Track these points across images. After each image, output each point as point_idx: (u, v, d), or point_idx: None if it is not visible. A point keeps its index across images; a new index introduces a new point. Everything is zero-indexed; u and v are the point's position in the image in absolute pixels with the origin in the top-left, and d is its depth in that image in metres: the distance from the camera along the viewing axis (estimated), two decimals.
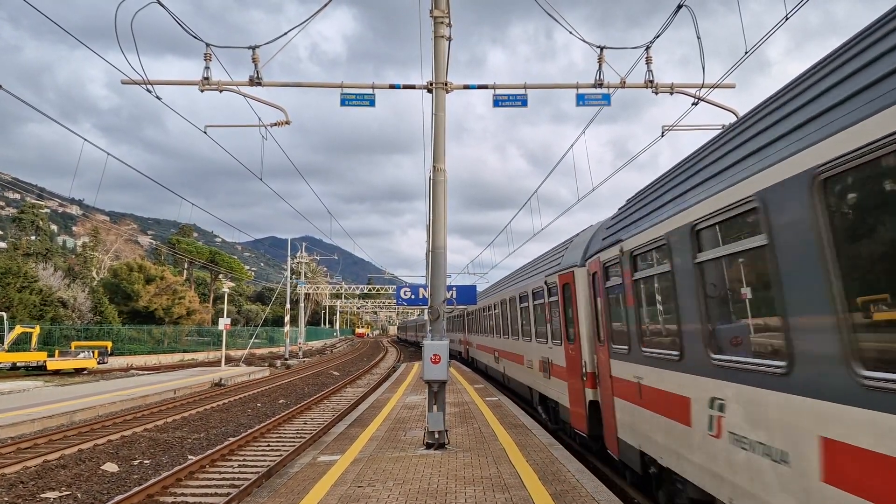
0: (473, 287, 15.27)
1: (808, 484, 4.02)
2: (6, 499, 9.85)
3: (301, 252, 61.21)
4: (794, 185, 4.11)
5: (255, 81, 12.90)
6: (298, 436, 15.31)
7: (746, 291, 5.14)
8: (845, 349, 3.64)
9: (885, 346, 3.50)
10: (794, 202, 4.12)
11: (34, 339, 36.79)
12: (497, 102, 13.06)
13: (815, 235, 3.88)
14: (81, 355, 36.70)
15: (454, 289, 14.04)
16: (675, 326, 6.28)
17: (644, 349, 7.32)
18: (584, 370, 10.87)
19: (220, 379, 28.74)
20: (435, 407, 10.98)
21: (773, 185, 4.39)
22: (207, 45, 12.77)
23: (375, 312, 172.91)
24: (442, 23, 11.98)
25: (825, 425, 3.85)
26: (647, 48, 12.64)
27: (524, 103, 13.00)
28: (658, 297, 7.08)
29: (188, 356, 52.55)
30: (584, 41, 12.54)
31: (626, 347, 7.98)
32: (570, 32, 12.36)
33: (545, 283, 13.74)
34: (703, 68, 12.13)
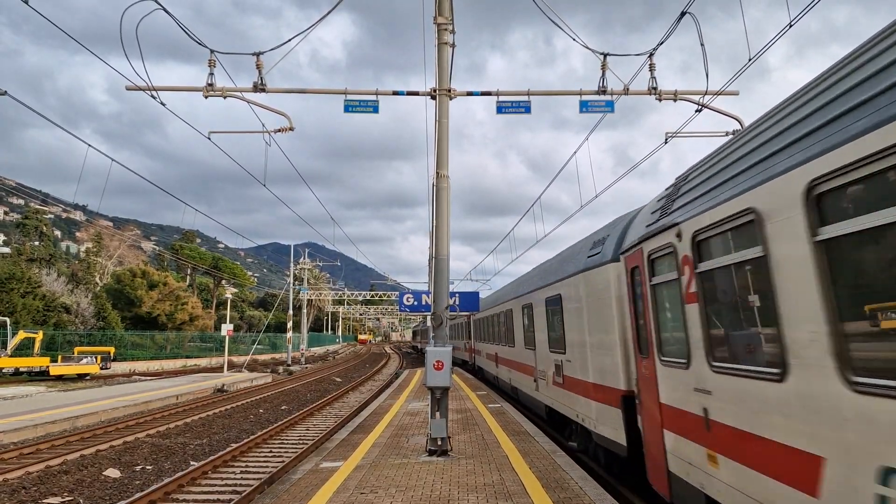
0: (476, 293, 15.26)
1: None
2: None
3: (304, 258, 61.25)
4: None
5: (259, 88, 12.94)
6: (301, 442, 15.28)
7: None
8: None
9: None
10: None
11: (37, 345, 36.79)
12: (500, 109, 13.05)
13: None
14: (84, 361, 36.71)
15: (457, 295, 14.05)
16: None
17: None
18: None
19: (223, 385, 28.70)
20: (437, 413, 10.95)
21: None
22: (212, 51, 12.82)
23: (378, 319, 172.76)
24: (445, 29, 12.02)
25: None
26: (651, 55, 12.67)
27: (527, 110, 12.99)
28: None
29: (191, 362, 52.50)
30: (587, 48, 12.57)
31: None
32: (574, 39, 12.40)
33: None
34: (707, 76, 12.15)
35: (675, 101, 12.95)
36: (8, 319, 37.46)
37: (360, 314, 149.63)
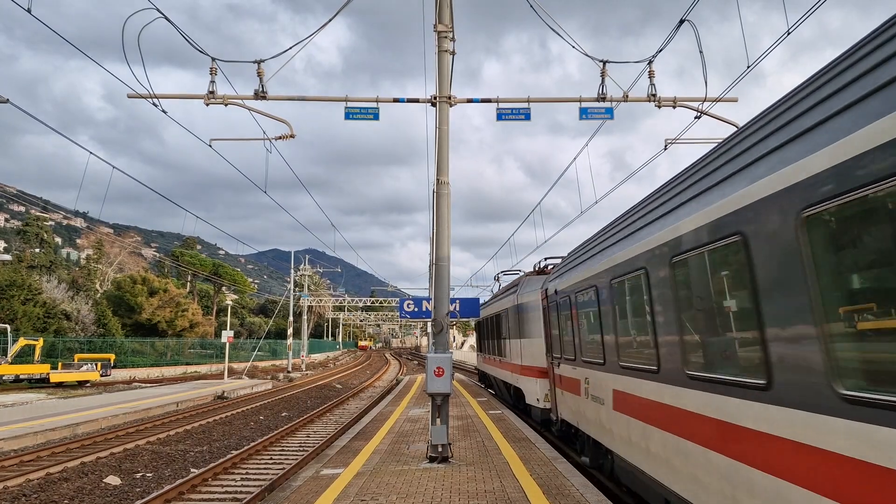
0: (476, 300, 15.26)
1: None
2: None
3: (304, 265, 61.25)
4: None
5: (261, 95, 12.99)
6: (301, 449, 15.25)
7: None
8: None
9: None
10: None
11: (37, 352, 36.75)
12: (500, 116, 13.07)
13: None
14: (84, 368, 36.64)
15: (457, 301, 14.04)
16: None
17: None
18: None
19: (223, 392, 28.67)
20: (438, 420, 10.94)
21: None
22: (213, 59, 12.88)
23: (378, 325, 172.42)
24: (446, 37, 12.09)
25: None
26: (650, 62, 12.72)
27: (527, 117, 13.01)
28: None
29: (191, 369, 52.43)
30: (586, 55, 12.63)
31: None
32: (574, 47, 12.46)
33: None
34: (706, 82, 12.21)
35: (674, 107, 12.99)
36: (8, 326, 37.41)
37: (361, 320, 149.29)
